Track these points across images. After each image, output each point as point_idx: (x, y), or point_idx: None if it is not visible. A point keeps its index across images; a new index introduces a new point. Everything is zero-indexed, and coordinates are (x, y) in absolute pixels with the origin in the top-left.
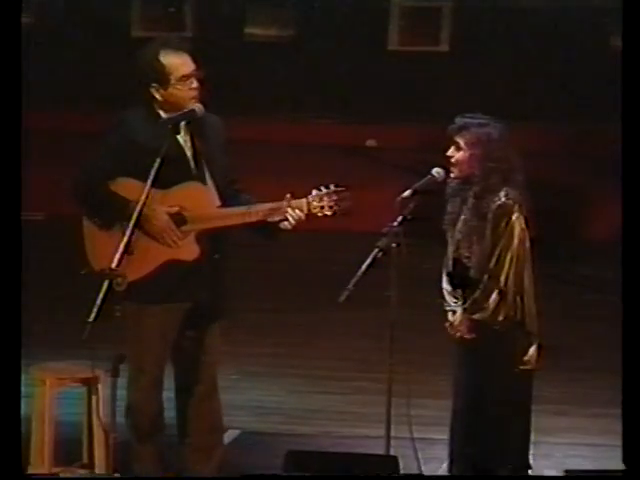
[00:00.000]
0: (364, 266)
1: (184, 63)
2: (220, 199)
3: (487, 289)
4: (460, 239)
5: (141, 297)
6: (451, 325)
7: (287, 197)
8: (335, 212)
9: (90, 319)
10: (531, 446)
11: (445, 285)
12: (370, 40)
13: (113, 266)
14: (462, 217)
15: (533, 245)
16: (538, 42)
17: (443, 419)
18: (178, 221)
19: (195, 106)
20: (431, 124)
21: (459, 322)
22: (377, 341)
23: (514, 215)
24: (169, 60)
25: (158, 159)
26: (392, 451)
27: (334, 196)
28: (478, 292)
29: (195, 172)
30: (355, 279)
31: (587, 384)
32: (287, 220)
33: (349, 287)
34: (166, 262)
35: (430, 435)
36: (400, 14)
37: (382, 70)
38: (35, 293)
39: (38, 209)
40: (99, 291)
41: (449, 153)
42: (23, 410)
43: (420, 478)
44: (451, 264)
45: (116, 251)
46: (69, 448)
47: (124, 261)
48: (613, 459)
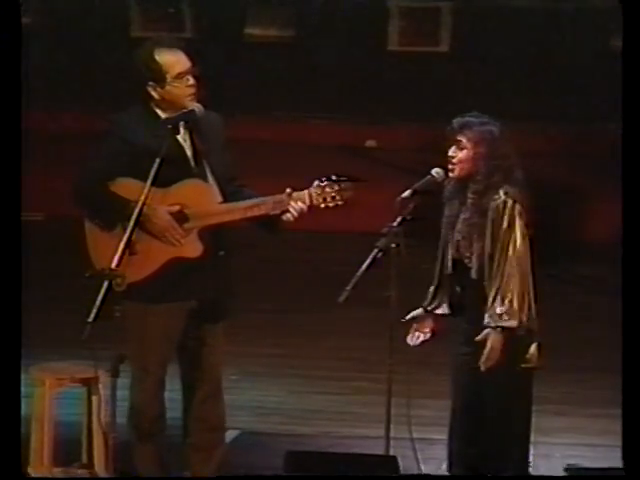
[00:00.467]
0: (364, 266)
1: (179, 61)
2: (221, 196)
3: (503, 292)
4: (460, 239)
5: (145, 297)
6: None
7: (288, 190)
8: (337, 203)
9: (90, 319)
10: (531, 446)
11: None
12: (370, 40)
13: (113, 266)
14: (461, 217)
15: (532, 244)
16: (538, 42)
17: (443, 419)
18: (180, 219)
19: (195, 106)
20: (431, 124)
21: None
22: (377, 341)
23: (516, 212)
24: (164, 58)
25: (158, 159)
26: (392, 451)
27: (336, 186)
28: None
29: (195, 170)
30: (355, 279)
31: (587, 384)
32: (289, 212)
33: (349, 287)
34: (169, 260)
35: (430, 435)
36: (400, 14)
37: (382, 70)
38: (35, 293)
39: (38, 209)
40: (99, 291)
41: (451, 153)
42: (23, 410)
43: (420, 478)
44: (451, 265)
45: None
46: (69, 448)
47: (126, 261)
48: (613, 459)
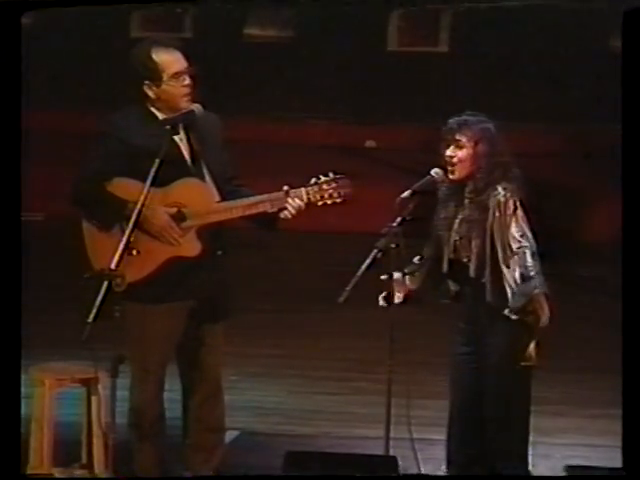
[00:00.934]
0: (363, 266)
1: (176, 60)
2: (219, 195)
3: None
4: (458, 240)
5: (145, 297)
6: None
7: (285, 188)
8: (335, 200)
9: (89, 320)
10: (530, 446)
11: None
12: (370, 40)
13: (112, 267)
14: (459, 218)
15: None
16: (538, 42)
17: (442, 419)
18: (178, 218)
19: (194, 106)
20: (431, 124)
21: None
22: (376, 341)
23: (517, 204)
24: (161, 57)
25: (157, 160)
26: (391, 451)
27: (333, 184)
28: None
29: (193, 169)
30: (355, 279)
31: (587, 384)
32: (287, 210)
33: (348, 287)
34: (168, 260)
35: (429, 435)
36: (400, 15)
37: (382, 70)
38: (35, 293)
39: (38, 209)
40: (99, 292)
41: (450, 153)
42: (23, 410)
43: (420, 478)
44: (446, 266)
45: (116, 252)
46: (68, 449)
47: (125, 262)
48: (613, 460)
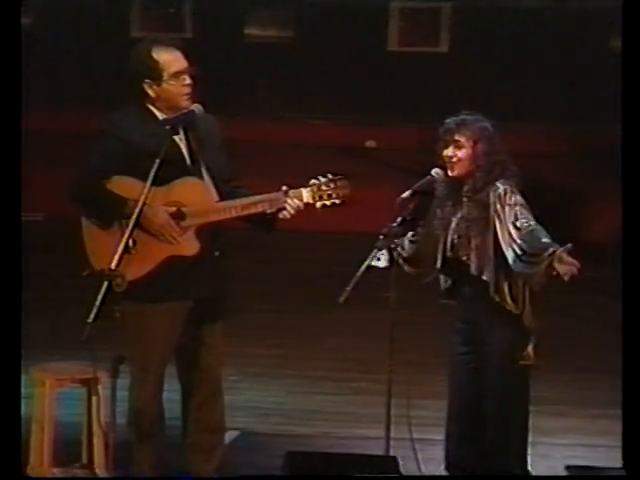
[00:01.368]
0: (364, 267)
1: (177, 59)
2: (218, 195)
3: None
4: (456, 239)
5: (143, 296)
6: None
7: (284, 188)
8: (334, 201)
9: (90, 320)
10: (530, 447)
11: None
12: (370, 40)
13: (112, 266)
14: (457, 217)
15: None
16: (538, 42)
17: (443, 420)
18: (177, 217)
19: (194, 106)
20: (431, 124)
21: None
22: (377, 342)
23: (518, 197)
24: (162, 56)
25: (157, 160)
26: (391, 452)
27: (332, 184)
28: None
29: (191, 169)
30: (355, 280)
31: (587, 385)
32: (286, 210)
33: (349, 288)
34: (166, 259)
35: (430, 436)
36: (400, 15)
37: (382, 70)
38: (35, 293)
39: (38, 209)
40: (99, 292)
41: (449, 153)
42: (23, 411)
43: (420, 479)
44: (440, 263)
45: (116, 251)
46: (69, 449)
47: (124, 260)
48: (613, 460)
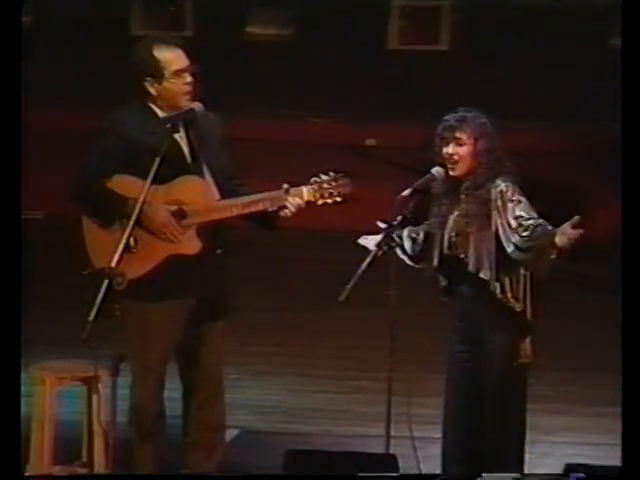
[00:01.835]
0: (364, 265)
1: (178, 58)
2: (219, 194)
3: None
4: (453, 236)
5: (144, 294)
6: None
7: (285, 186)
8: (335, 199)
9: (90, 318)
10: (530, 445)
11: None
12: (370, 40)
13: (113, 265)
14: (455, 214)
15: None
16: (538, 42)
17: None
18: (178, 215)
19: (195, 105)
20: (431, 123)
21: None
22: (377, 340)
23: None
24: (163, 55)
25: (158, 159)
26: (392, 450)
27: (333, 182)
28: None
29: (192, 167)
30: (355, 278)
31: (587, 383)
32: (287, 208)
33: (349, 286)
34: (168, 257)
35: (430, 434)
36: (400, 13)
37: (382, 69)
38: (35, 291)
39: (37, 208)
40: (99, 290)
41: (450, 150)
42: (23, 409)
43: (420, 477)
44: (437, 262)
45: (116, 249)
46: (69, 447)
47: (125, 258)
48: (613, 458)
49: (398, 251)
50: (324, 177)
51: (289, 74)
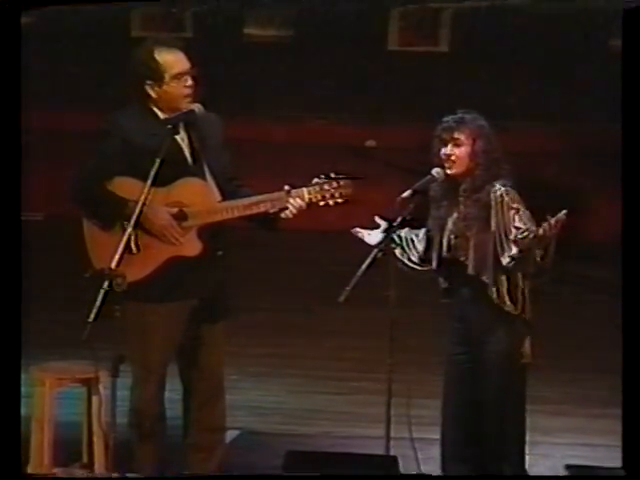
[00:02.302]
0: (364, 266)
1: (179, 61)
2: (220, 195)
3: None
4: (453, 239)
5: (145, 296)
6: None
7: (286, 188)
8: (337, 201)
9: (90, 319)
10: (530, 446)
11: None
12: (370, 40)
13: (113, 266)
14: (454, 217)
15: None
16: (538, 42)
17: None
18: (179, 217)
19: (195, 106)
20: (431, 124)
21: None
22: (377, 341)
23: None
24: (164, 57)
25: (158, 160)
26: (392, 451)
27: (334, 184)
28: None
29: (193, 169)
30: (355, 279)
31: (587, 384)
32: (288, 210)
33: (349, 287)
34: (169, 259)
35: (430, 435)
36: (400, 14)
37: (382, 70)
38: (35, 293)
39: (38, 209)
40: (99, 291)
41: (448, 151)
42: (23, 410)
43: (420, 478)
44: (436, 264)
45: (117, 252)
46: (69, 448)
47: (126, 261)
48: (613, 459)
49: (397, 252)
50: (325, 179)
51: (289, 75)
